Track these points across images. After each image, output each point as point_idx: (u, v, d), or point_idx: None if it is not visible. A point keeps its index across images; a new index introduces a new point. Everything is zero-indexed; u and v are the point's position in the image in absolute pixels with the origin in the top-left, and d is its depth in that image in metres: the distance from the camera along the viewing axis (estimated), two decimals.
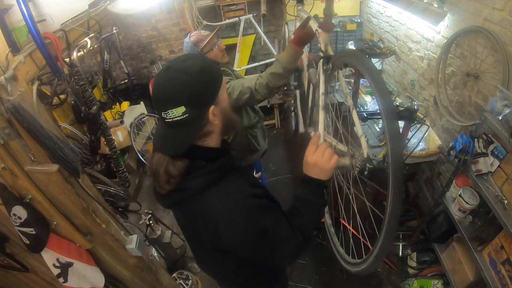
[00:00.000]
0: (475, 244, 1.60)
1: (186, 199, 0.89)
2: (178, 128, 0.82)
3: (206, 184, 0.86)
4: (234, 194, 0.89)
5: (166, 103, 0.80)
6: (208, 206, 0.87)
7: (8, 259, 1.32)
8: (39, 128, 0.94)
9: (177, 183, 0.86)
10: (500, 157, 1.45)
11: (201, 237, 0.95)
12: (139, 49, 4.11)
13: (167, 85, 0.81)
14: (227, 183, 0.89)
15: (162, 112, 0.81)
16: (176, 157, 0.85)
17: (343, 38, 3.45)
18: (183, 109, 0.79)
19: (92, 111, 1.91)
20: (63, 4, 1.31)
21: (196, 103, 0.81)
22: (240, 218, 0.86)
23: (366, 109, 2.69)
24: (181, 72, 0.80)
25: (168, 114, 0.80)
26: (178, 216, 1.05)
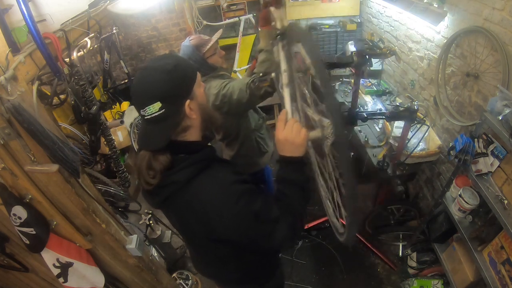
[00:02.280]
0: (475, 244, 1.60)
1: (173, 194, 0.91)
2: (157, 123, 0.87)
3: (190, 175, 0.89)
4: (220, 182, 0.91)
5: (143, 100, 0.85)
6: (196, 197, 0.90)
7: (8, 259, 1.32)
8: (39, 128, 0.94)
9: (162, 178, 0.89)
10: (500, 157, 1.45)
11: (195, 230, 0.98)
12: (139, 49, 4.11)
13: (143, 83, 0.87)
14: (211, 173, 0.92)
15: (141, 110, 0.86)
16: (158, 152, 0.89)
17: (343, 38, 3.45)
18: (159, 104, 0.83)
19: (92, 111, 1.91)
20: (63, 4, 1.31)
21: (171, 98, 0.85)
22: (230, 204, 0.88)
23: (366, 109, 2.69)
24: (156, 70, 0.86)
25: (146, 111, 0.85)
26: (170, 216, 1.07)
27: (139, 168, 0.90)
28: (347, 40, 3.39)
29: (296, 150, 0.94)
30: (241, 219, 0.89)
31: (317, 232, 2.69)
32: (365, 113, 1.88)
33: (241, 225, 0.90)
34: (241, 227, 0.91)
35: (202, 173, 0.91)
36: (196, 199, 0.90)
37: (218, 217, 0.88)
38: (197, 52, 1.66)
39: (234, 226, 0.90)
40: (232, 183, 0.91)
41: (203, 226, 0.92)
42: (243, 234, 0.92)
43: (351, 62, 1.79)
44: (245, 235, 0.93)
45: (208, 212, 0.89)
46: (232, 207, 0.88)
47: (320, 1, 3.45)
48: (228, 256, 1.08)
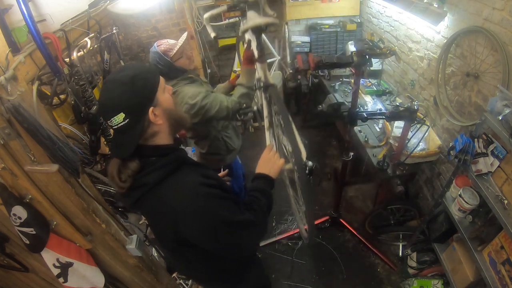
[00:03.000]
0: (475, 244, 1.60)
1: (143, 196, 0.94)
2: (123, 133, 0.91)
3: (159, 178, 0.92)
4: (188, 184, 0.94)
5: (108, 112, 0.88)
6: (164, 199, 0.93)
7: (8, 259, 1.32)
8: (39, 128, 0.94)
9: (133, 181, 0.92)
10: (500, 157, 1.45)
11: (163, 232, 1.01)
12: (139, 49, 4.11)
13: (106, 97, 0.90)
14: (180, 175, 0.96)
15: (107, 121, 0.89)
16: (126, 159, 0.92)
17: (343, 38, 3.45)
18: (123, 115, 0.87)
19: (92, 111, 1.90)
20: (63, 4, 1.31)
21: (132, 108, 0.88)
22: (197, 206, 0.91)
23: (366, 109, 2.69)
24: (116, 82, 0.89)
25: (111, 121, 0.88)
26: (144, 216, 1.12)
27: (110, 174, 0.93)
28: (347, 40, 3.39)
29: (273, 170, 1.17)
30: (208, 222, 0.92)
31: (317, 232, 2.69)
32: (365, 113, 1.88)
33: (209, 227, 0.93)
34: (208, 230, 0.94)
35: (171, 176, 0.94)
36: (164, 201, 0.93)
37: (184, 217, 0.91)
38: (164, 57, 1.71)
39: (201, 228, 0.93)
40: (200, 186, 0.93)
41: (171, 228, 0.94)
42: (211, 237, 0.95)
43: (351, 62, 1.79)
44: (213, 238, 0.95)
45: (176, 214, 0.91)
46: (199, 209, 0.91)
47: (320, 1, 3.45)
48: (196, 259, 1.11)
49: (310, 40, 3.53)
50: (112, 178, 0.93)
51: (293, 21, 3.62)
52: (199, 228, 0.93)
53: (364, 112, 1.91)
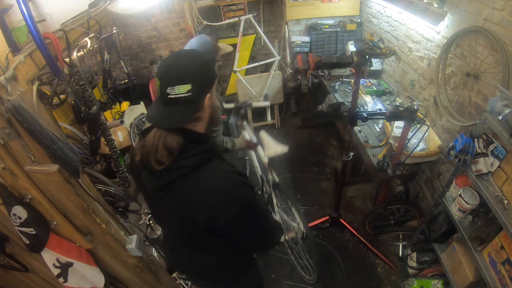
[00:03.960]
0: (475, 244, 1.60)
1: (179, 179, 0.93)
2: (178, 105, 0.89)
3: (199, 162, 0.92)
4: (224, 171, 0.98)
5: (175, 79, 0.87)
6: (201, 183, 0.93)
7: (8, 259, 1.32)
8: (39, 128, 0.94)
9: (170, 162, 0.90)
10: (500, 157, 1.45)
11: (193, 218, 0.98)
12: (139, 49, 4.11)
13: (178, 63, 0.90)
14: (214, 163, 0.97)
15: (168, 88, 0.86)
16: (173, 132, 0.90)
17: (343, 38, 3.45)
18: (189, 87, 0.86)
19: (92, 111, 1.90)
20: (63, 4, 1.31)
21: (200, 85, 0.89)
22: (233, 191, 0.95)
23: (366, 109, 2.69)
24: (193, 56, 0.93)
25: (174, 90, 0.86)
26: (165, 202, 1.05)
27: (152, 147, 0.90)
28: (347, 40, 3.39)
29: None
30: (242, 206, 0.96)
31: (317, 232, 2.69)
32: (365, 113, 1.88)
33: (242, 211, 0.96)
34: (241, 214, 0.97)
35: (208, 162, 0.95)
36: (201, 185, 0.93)
37: (222, 203, 0.93)
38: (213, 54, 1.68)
39: (236, 211, 0.95)
40: (235, 174, 0.98)
41: (205, 214, 0.94)
42: (242, 221, 0.98)
43: (351, 62, 1.79)
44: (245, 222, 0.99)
45: (213, 197, 0.92)
46: (236, 194, 0.95)
47: (320, 1, 3.45)
48: (212, 249, 1.11)
49: (310, 40, 3.54)
50: (153, 150, 0.90)
51: (293, 21, 3.63)
52: (234, 212, 0.95)
53: (364, 112, 1.91)
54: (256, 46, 4.33)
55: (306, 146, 3.79)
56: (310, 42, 3.54)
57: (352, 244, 2.63)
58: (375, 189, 2.58)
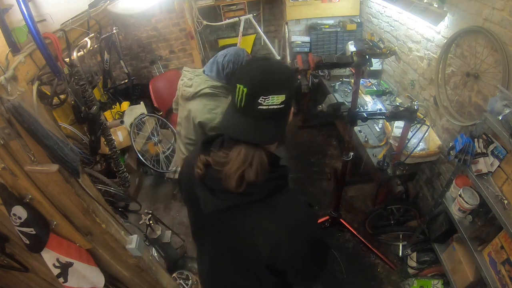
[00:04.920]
0: (475, 244, 1.60)
1: (249, 204, 0.82)
2: (267, 119, 0.77)
3: (274, 189, 0.82)
4: (301, 201, 0.88)
5: (271, 87, 0.75)
6: (278, 213, 0.82)
7: (8, 259, 1.32)
8: (39, 128, 0.93)
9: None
10: (500, 157, 1.45)
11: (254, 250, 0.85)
12: (139, 49, 4.11)
13: (275, 71, 0.78)
14: (292, 192, 0.87)
15: (261, 97, 0.74)
16: (261, 149, 0.79)
17: (343, 38, 3.45)
18: (283, 98, 0.76)
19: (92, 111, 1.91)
20: (63, 4, 1.31)
21: (291, 98, 0.79)
22: (311, 229, 0.86)
23: (366, 109, 2.69)
24: (282, 64, 0.82)
25: (267, 99, 0.74)
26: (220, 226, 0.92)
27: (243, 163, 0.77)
28: (347, 40, 3.39)
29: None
30: (316, 242, 0.86)
31: None
32: (365, 113, 1.88)
33: (311, 246, 0.86)
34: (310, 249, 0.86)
35: (283, 190, 0.84)
36: (277, 217, 0.82)
37: (294, 235, 0.81)
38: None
39: (304, 253, 0.85)
40: (309, 207, 0.88)
41: (271, 245, 0.82)
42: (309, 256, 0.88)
43: (351, 62, 1.79)
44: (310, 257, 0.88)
45: (285, 232, 0.81)
46: (313, 233, 0.85)
47: (320, 1, 3.45)
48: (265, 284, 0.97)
49: (310, 40, 3.54)
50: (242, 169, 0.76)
51: (293, 21, 3.63)
52: (304, 246, 0.84)
53: (364, 112, 1.91)
54: (256, 46, 4.33)
55: (306, 146, 3.79)
56: (310, 42, 3.54)
57: (352, 244, 2.63)
58: (375, 189, 2.58)
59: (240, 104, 0.76)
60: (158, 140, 3.43)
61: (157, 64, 4.04)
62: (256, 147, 0.78)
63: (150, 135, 3.42)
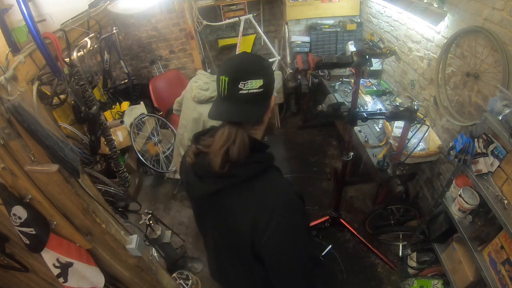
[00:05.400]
0: (475, 244, 1.60)
1: (231, 187, 0.87)
2: (249, 103, 0.85)
3: (256, 172, 0.88)
4: (282, 184, 0.92)
5: (248, 73, 0.84)
6: (256, 193, 0.87)
7: (8, 259, 1.32)
8: (39, 128, 0.94)
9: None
10: (500, 157, 1.45)
11: (240, 233, 0.89)
12: (139, 49, 4.11)
13: (250, 60, 0.88)
14: (272, 175, 0.92)
15: (240, 82, 0.83)
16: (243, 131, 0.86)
17: (343, 38, 3.45)
18: (261, 82, 0.84)
19: (92, 111, 1.91)
20: (63, 4, 1.31)
21: (269, 83, 0.88)
22: (289, 207, 0.87)
23: (366, 109, 2.69)
24: (258, 55, 0.93)
25: (246, 84, 0.83)
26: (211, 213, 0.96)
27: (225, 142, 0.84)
28: (347, 40, 3.39)
29: None
30: (295, 226, 0.87)
31: (317, 232, 2.69)
32: (365, 113, 1.88)
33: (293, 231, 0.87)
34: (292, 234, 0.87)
35: (265, 174, 0.89)
36: (256, 195, 0.87)
37: (274, 217, 0.84)
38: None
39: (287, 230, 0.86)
40: (292, 190, 0.91)
41: (249, 227, 0.86)
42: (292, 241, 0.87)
43: (351, 62, 1.79)
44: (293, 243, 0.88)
45: (265, 215, 0.84)
46: (291, 211, 0.87)
47: (320, 1, 3.45)
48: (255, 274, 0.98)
49: (310, 40, 3.54)
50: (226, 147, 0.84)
51: (293, 21, 3.62)
52: (285, 229, 0.85)
53: (364, 112, 1.91)
54: (256, 46, 4.33)
55: (306, 146, 3.79)
56: (310, 42, 3.54)
57: (352, 244, 2.63)
58: (375, 189, 2.58)
59: (224, 93, 0.85)
60: (158, 140, 3.43)
61: (157, 64, 4.04)
62: (239, 127, 0.86)
63: (150, 135, 3.42)
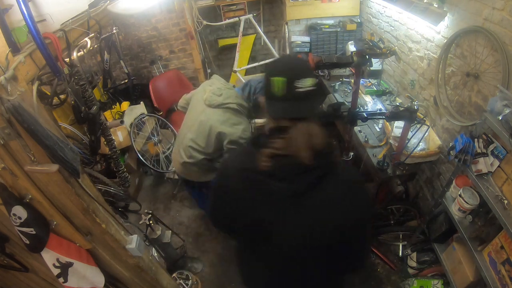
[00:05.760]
0: (475, 244, 1.60)
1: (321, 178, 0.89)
2: (307, 99, 0.90)
3: (337, 158, 0.96)
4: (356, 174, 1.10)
5: (300, 72, 0.89)
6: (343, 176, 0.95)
7: (8, 259, 1.32)
8: (39, 128, 0.93)
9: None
10: (500, 157, 1.45)
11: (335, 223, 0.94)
12: (139, 49, 4.11)
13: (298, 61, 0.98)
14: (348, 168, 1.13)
15: (296, 81, 0.87)
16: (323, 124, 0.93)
17: (343, 38, 3.45)
18: (314, 81, 0.90)
19: (92, 111, 1.90)
20: (63, 4, 1.31)
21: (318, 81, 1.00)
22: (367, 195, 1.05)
23: (366, 109, 2.69)
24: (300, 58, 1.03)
25: (301, 82, 0.88)
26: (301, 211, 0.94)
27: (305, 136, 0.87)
28: (347, 40, 3.39)
29: None
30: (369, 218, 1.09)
31: None
32: (365, 113, 1.89)
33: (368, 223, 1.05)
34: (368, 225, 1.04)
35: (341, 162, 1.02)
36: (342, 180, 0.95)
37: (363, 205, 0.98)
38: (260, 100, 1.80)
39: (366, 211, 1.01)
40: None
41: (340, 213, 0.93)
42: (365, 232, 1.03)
43: (351, 62, 1.80)
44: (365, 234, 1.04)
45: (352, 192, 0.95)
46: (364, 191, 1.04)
47: (320, 1, 3.45)
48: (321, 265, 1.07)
49: (310, 40, 3.54)
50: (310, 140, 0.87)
51: (293, 21, 3.63)
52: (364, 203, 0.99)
53: (364, 112, 1.91)
54: (256, 46, 4.33)
55: None
56: (310, 42, 3.54)
57: None
58: (375, 189, 2.58)
59: (281, 93, 0.89)
60: (158, 140, 3.43)
61: (157, 64, 4.04)
62: (305, 121, 0.89)
63: (150, 135, 3.42)
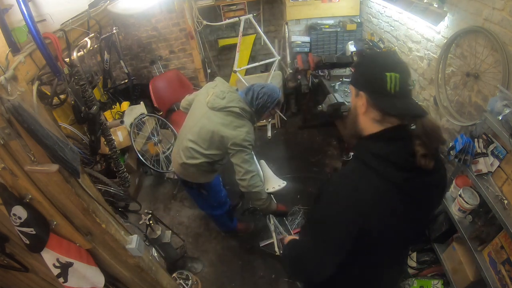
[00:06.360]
0: (475, 244, 1.60)
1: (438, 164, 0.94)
2: (411, 98, 0.94)
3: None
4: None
5: (408, 70, 0.93)
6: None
7: (8, 259, 1.32)
8: (39, 128, 0.93)
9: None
10: (500, 157, 1.45)
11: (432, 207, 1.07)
12: (139, 49, 4.11)
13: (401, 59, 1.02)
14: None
15: (407, 78, 0.90)
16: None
17: (343, 38, 3.45)
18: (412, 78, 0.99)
19: (92, 111, 1.90)
20: (63, 4, 1.31)
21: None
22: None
23: None
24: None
25: (409, 79, 0.92)
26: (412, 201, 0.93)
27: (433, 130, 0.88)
28: (347, 40, 3.39)
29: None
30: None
31: None
32: None
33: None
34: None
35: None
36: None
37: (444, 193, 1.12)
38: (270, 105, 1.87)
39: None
40: None
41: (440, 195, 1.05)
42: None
43: (351, 62, 1.80)
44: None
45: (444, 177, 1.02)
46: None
47: (320, 1, 3.45)
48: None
49: (310, 40, 3.54)
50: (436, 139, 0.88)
51: (293, 21, 3.63)
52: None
53: None
54: (256, 46, 4.33)
55: (306, 146, 3.79)
56: (310, 42, 3.54)
57: None
58: None
59: (395, 89, 0.87)
60: (158, 140, 3.43)
61: (157, 64, 4.04)
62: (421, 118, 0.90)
63: (150, 135, 3.42)
